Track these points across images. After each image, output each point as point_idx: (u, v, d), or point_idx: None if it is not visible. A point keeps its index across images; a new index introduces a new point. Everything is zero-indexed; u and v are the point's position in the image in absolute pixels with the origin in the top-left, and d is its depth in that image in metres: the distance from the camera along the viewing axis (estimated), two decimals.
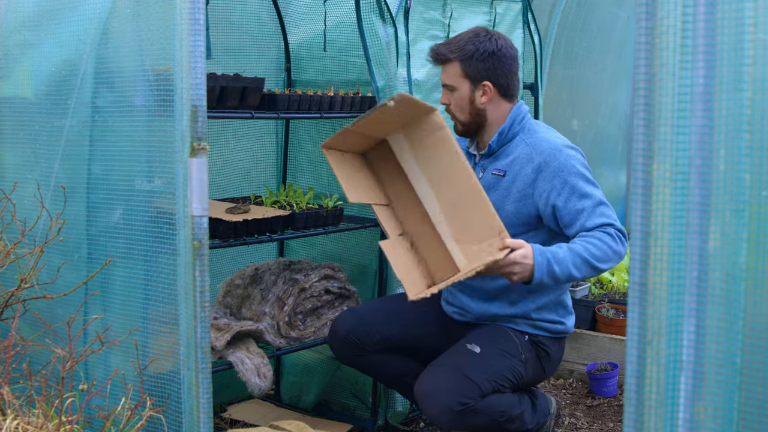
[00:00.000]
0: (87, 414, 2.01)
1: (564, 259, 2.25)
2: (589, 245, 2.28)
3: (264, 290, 2.80)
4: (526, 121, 2.52)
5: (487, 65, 2.44)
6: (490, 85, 2.46)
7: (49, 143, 2.34)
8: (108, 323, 2.10)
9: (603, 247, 2.29)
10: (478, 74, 2.45)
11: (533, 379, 2.53)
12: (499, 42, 2.46)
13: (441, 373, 2.33)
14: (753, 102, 1.17)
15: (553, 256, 2.24)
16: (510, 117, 2.49)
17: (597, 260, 2.28)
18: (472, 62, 2.44)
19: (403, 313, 2.66)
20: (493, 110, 2.50)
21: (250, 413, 3.13)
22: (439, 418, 2.30)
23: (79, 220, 2.22)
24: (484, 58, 2.44)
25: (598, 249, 2.28)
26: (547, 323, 2.52)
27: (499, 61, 2.45)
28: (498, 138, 2.49)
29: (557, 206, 2.37)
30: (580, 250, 2.27)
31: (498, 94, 2.49)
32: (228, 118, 2.78)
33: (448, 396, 2.27)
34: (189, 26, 1.80)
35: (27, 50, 2.46)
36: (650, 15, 1.19)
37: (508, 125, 2.49)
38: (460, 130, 2.56)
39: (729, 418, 1.21)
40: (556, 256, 2.25)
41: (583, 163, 2.41)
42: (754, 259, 1.18)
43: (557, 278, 2.25)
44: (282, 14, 3.12)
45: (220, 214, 2.49)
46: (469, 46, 2.44)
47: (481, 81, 2.46)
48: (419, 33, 3.00)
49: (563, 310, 2.57)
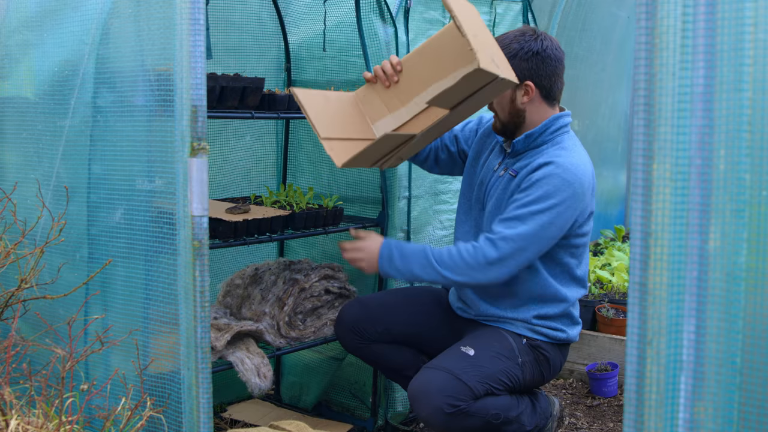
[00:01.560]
0: (87, 414, 2.01)
1: (410, 255, 2.41)
2: (444, 251, 2.40)
3: (264, 290, 2.80)
4: (561, 133, 2.46)
5: (530, 65, 2.40)
6: (532, 85, 2.42)
7: (49, 143, 2.34)
8: (108, 323, 2.11)
9: (455, 257, 2.37)
10: (521, 73, 2.40)
11: (532, 383, 2.53)
12: (545, 43, 2.42)
13: (433, 375, 2.33)
14: (753, 102, 1.17)
15: (399, 252, 2.41)
16: (544, 123, 2.44)
17: (442, 266, 2.38)
18: (515, 61, 2.40)
19: (409, 306, 2.68)
20: (533, 112, 2.46)
21: (250, 413, 3.13)
22: (431, 420, 2.29)
23: (79, 220, 2.22)
24: (528, 58, 2.40)
25: (449, 257, 2.37)
26: (547, 329, 2.51)
27: (543, 62, 2.41)
28: (524, 140, 2.45)
29: (503, 203, 2.42)
30: (428, 252, 2.40)
31: (539, 96, 2.44)
32: (228, 118, 2.78)
33: (439, 398, 2.26)
34: (189, 26, 1.80)
35: (28, 50, 2.46)
36: (650, 15, 1.19)
37: (539, 131, 2.44)
38: (498, 127, 2.53)
39: (729, 418, 1.21)
40: (403, 251, 2.41)
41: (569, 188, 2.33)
42: (754, 259, 1.18)
43: (401, 272, 2.41)
44: (282, 14, 3.12)
45: (220, 214, 2.49)
46: (515, 45, 2.41)
47: (524, 81, 2.41)
48: (419, 33, 3.00)
49: (568, 320, 2.56)
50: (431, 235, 3.09)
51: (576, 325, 2.60)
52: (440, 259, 2.38)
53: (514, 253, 2.33)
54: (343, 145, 2.37)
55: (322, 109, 2.39)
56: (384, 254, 2.42)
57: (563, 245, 2.45)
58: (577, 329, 2.61)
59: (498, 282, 2.39)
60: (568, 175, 2.34)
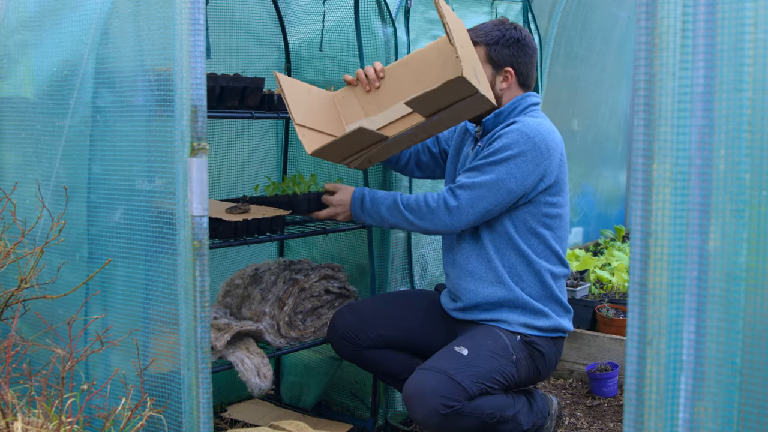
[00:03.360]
0: (87, 414, 2.01)
1: (380, 199, 2.51)
2: (411, 197, 2.49)
3: (264, 290, 2.80)
4: (529, 111, 2.53)
5: (511, 51, 2.50)
6: (511, 71, 2.51)
7: (49, 143, 2.34)
8: (108, 323, 2.11)
9: (420, 202, 2.47)
10: (502, 60, 2.50)
11: (528, 380, 2.52)
12: (523, 32, 2.53)
13: (427, 376, 2.32)
14: (753, 102, 1.17)
15: (370, 196, 2.53)
16: (513, 101, 2.52)
17: (407, 209, 2.48)
18: (497, 47, 2.50)
19: (402, 311, 2.67)
20: (508, 98, 2.54)
21: (250, 413, 3.13)
22: (426, 422, 2.29)
23: (79, 220, 2.22)
24: (509, 45, 2.50)
25: (415, 202, 2.48)
26: (535, 316, 2.50)
27: (522, 50, 2.51)
28: (494, 118, 2.52)
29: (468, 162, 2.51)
30: (397, 197, 2.51)
31: (517, 83, 2.54)
32: (228, 118, 2.78)
33: (434, 399, 2.26)
34: (189, 26, 1.80)
35: (27, 50, 2.46)
36: (650, 15, 1.19)
37: (508, 108, 2.51)
38: None
39: (729, 418, 1.21)
40: (374, 196, 2.53)
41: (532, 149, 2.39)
42: (754, 259, 1.18)
43: (371, 215, 2.53)
44: (282, 14, 3.12)
45: (220, 213, 2.49)
46: (495, 32, 2.50)
47: (504, 67, 2.51)
48: (420, 33, 3.00)
49: (555, 305, 2.55)
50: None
51: (566, 313, 2.59)
52: (407, 203, 2.49)
53: (472, 202, 2.41)
54: (314, 134, 2.47)
55: (302, 99, 2.48)
56: (356, 198, 2.55)
57: (533, 212, 2.48)
58: (568, 318, 2.60)
59: (457, 230, 2.48)
60: (529, 130, 2.42)
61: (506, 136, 2.42)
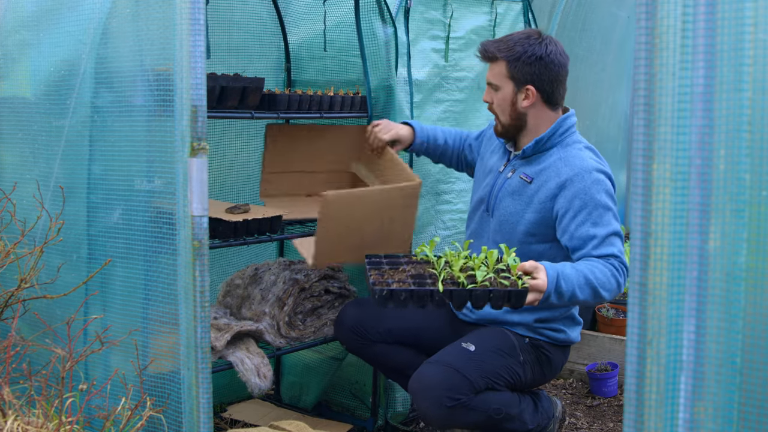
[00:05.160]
0: (87, 414, 2.01)
1: (570, 276, 2.20)
2: (595, 269, 2.24)
3: (264, 290, 2.80)
4: (568, 134, 2.48)
5: (533, 69, 2.41)
6: (533, 89, 2.42)
7: (48, 143, 2.33)
8: (108, 323, 2.10)
9: (607, 273, 2.25)
10: (523, 77, 2.42)
11: (533, 382, 2.53)
12: (549, 47, 2.42)
13: (434, 369, 2.34)
14: (753, 102, 1.17)
15: (562, 272, 2.20)
16: (552, 127, 2.45)
17: (600, 286, 2.24)
18: (518, 64, 2.41)
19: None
20: (534, 116, 2.47)
21: (250, 413, 3.13)
22: (431, 414, 2.30)
23: (78, 220, 2.22)
24: (531, 62, 2.40)
25: (603, 275, 2.24)
26: (549, 331, 2.52)
27: (545, 67, 2.41)
28: (534, 146, 2.46)
29: (569, 229, 2.34)
30: (585, 272, 2.23)
31: (541, 100, 2.45)
32: (228, 118, 2.78)
33: (440, 391, 2.27)
34: (189, 26, 1.80)
35: (26, 50, 2.46)
36: (650, 15, 1.19)
37: (547, 135, 2.45)
38: (499, 130, 2.54)
39: (729, 418, 1.21)
40: (564, 272, 2.20)
41: (608, 190, 2.36)
42: (754, 259, 1.18)
43: (563, 295, 2.20)
44: (282, 14, 3.12)
45: (220, 213, 2.49)
46: (518, 48, 2.41)
47: (525, 84, 2.42)
48: (420, 33, 3.00)
49: (569, 321, 2.56)
50: (433, 235, 3.09)
51: (577, 326, 2.60)
52: (599, 279, 2.25)
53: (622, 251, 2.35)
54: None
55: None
56: (551, 276, 2.20)
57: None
58: (578, 330, 2.61)
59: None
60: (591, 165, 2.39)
61: (587, 180, 2.34)
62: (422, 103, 3.01)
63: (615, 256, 2.30)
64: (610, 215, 2.34)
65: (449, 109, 3.12)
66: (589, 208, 2.32)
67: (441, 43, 3.08)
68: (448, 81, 3.11)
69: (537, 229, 2.42)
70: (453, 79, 3.12)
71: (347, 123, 3.09)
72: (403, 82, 2.88)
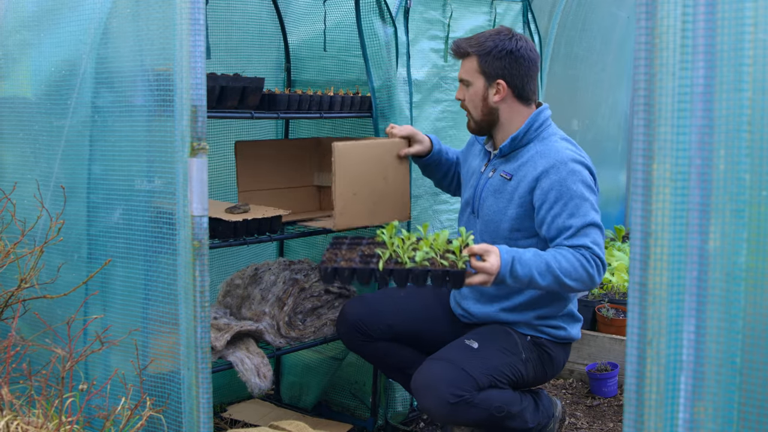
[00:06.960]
0: (87, 414, 2.01)
1: (528, 261, 2.24)
2: (560, 258, 2.27)
3: (264, 290, 2.80)
4: (544, 128, 2.49)
5: (503, 63, 2.44)
6: (504, 84, 2.45)
7: (48, 143, 2.33)
8: (108, 323, 2.10)
9: (575, 263, 2.27)
10: (494, 71, 2.45)
11: (534, 380, 2.53)
12: (519, 43, 2.45)
13: (437, 366, 2.34)
14: (753, 102, 1.17)
15: (519, 257, 2.24)
16: (527, 123, 2.47)
17: (565, 274, 2.25)
18: (488, 59, 2.44)
19: (411, 305, 2.68)
20: (506, 111, 2.49)
21: (250, 413, 3.13)
22: (435, 410, 2.30)
23: (79, 220, 2.22)
24: (501, 56, 2.43)
25: (568, 263, 2.27)
26: (550, 329, 2.52)
27: (515, 62, 2.44)
28: (510, 143, 2.48)
29: (546, 220, 2.36)
30: (548, 259, 2.26)
31: (512, 95, 2.47)
32: (228, 118, 2.78)
33: (443, 387, 2.27)
34: (189, 26, 1.80)
35: (26, 50, 2.46)
36: (650, 15, 1.19)
37: (522, 131, 2.46)
38: (472, 126, 2.56)
39: (729, 418, 1.21)
40: (521, 257, 2.24)
41: (584, 180, 2.37)
42: (754, 259, 1.18)
43: (519, 279, 2.23)
44: (282, 14, 3.12)
45: (220, 213, 2.49)
46: (489, 43, 2.45)
47: (496, 79, 2.45)
48: (419, 33, 3.00)
49: (569, 319, 2.57)
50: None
51: (577, 323, 2.60)
52: (562, 267, 2.27)
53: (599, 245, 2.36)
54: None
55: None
56: (506, 260, 2.23)
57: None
58: (578, 327, 2.61)
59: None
60: (567, 156, 2.39)
61: (563, 171, 2.34)
62: (421, 103, 3.02)
63: (587, 247, 2.31)
64: (587, 206, 2.35)
65: (447, 109, 3.12)
66: (564, 199, 2.34)
67: (440, 43, 3.08)
68: (447, 81, 3.11)
69: (521, 224, 2.44)
70: (452, 79, 3.12)
71: (347, 123, 3.09)
72: (403, 82, 2.88)
